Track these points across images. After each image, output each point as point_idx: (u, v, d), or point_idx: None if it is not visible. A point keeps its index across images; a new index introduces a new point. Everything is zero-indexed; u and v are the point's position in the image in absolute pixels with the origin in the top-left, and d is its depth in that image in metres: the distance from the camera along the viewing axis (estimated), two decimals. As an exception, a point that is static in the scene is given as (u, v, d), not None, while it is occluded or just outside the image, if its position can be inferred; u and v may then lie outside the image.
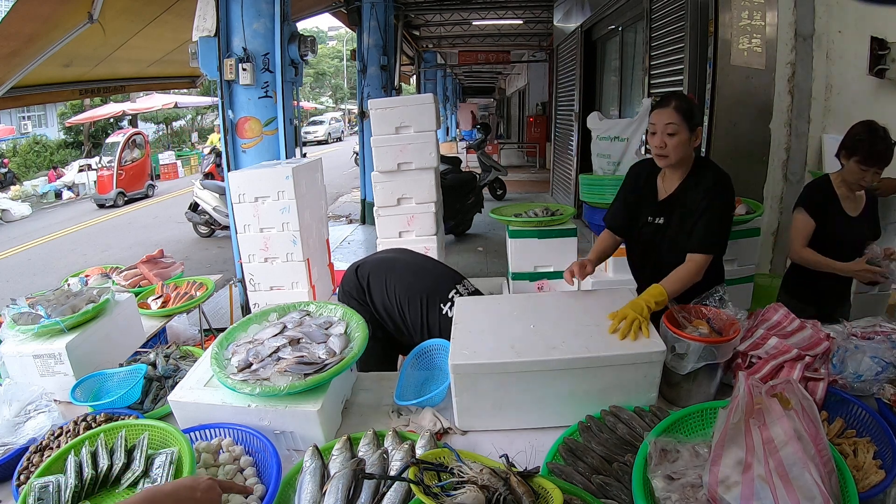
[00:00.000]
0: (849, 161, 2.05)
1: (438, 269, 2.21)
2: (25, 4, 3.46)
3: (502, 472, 0.98)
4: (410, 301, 2.03)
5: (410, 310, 2.03)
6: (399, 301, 2.06)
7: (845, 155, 2.06)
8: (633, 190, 1.95)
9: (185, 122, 22.46)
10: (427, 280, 2.11)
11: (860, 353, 1.40)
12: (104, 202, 11.76)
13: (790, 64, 3.42)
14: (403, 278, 2.11)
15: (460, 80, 24.00)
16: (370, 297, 2.13)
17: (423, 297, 2.03)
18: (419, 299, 2.03)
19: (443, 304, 2.01)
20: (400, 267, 2.17)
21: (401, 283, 2.09)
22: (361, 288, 2.14)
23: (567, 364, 1.33)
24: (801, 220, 2.16)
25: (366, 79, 7.67)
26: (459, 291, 2.06)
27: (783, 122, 3.50)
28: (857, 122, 2.06)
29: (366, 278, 2.14)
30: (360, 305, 2.14)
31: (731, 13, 3.34)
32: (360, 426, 1.38)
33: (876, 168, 1.99)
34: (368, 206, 7.42)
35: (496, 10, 9.88)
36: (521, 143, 16.20)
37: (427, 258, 2.34)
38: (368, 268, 2.18)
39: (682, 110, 1.74)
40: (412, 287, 2.07)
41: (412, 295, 2.04)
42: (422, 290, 2.05)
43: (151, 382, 1.65)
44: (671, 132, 1.74)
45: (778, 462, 0.95)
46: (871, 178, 2.02)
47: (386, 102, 3.29)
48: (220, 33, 3.56)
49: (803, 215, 2.16)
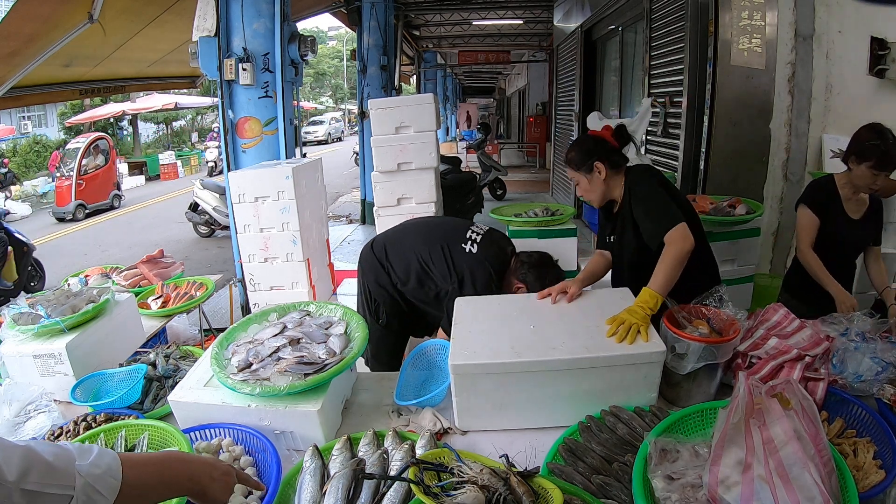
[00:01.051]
0: (858, 165, 2.02)
1: (448, 219, 2.37)
2: (25, 4, 3.46)
3: (502, 472, 0.98)
4: (432, 251, 2.10)
5: (434, 259, 2.09)
6: (421, 256, 2.11)
7: (855, 160, 2.04)
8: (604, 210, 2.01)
9: (185, 122, 22.47)
10: (441, 229, 2.21)
11: (860, 353, 1.40)
12: (63, 215, 10.39)
13: (790, 64, 3.42)
14: (419, 234, 2.21)
15: (460, 80, 24.00)
16: (391, 268, 2.17)
17: (444, 243, 2.10)
18: (440, 246, 2.09)
19: (463, 244, 2.08)
20: (411, 228, 2.29)
21: (418, 239, 2.17)
22: (380, 264, 2.19)
23: (567, 364, 1.32)
24: (806, 216, 2.16)
25: (366, 79, 7.67)
26: (475, 230, 2.14)
27: (783, 122, 3.50)
28: (863, 126, 2.04)
29: (383, 251, 2.20)
30: (378, 287, 2.20)
31: (731, 13, 3.34)
32: (360, 426, 1.38)
33: (886, 173, 1.98)
34: (368, 206, 7.42)
35: (496, 10, 9.88)
36: (521, 143, 16.21)
37: (433, 216, 2.40)
38: (382, 240, 2.26)
39: (572, 162, 1.87)
40: (430, 238, 2.15)
41: (432, 244, 2.11)
42: (440, 238, 2.12)
43: (151, 382, 1.64)
44: (576, 183, 1.90)
45: (778, 462, 0.95)
46: (882, 182, 2.02)
47: (386, 102, 3.29)
48: (220, 33, 3.56)
49: (807, 212, 2.15)
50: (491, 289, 2.01)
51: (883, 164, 1.97)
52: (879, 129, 2.00)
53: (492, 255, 2.05)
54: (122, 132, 19.11)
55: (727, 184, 3.52)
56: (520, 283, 2.01)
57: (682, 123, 3.86)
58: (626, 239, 1.88)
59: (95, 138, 11.40)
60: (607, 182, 1.84)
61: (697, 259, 1.92)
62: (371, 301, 2.22)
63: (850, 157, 2.07)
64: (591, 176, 1.83)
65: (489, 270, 2.01)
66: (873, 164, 1.98)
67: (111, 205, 11.44)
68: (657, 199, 1.74)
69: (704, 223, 2.42)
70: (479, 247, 2.07)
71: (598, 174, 1.82)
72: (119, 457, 0.74)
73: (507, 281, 2.05)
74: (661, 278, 1.55)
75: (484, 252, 2.06)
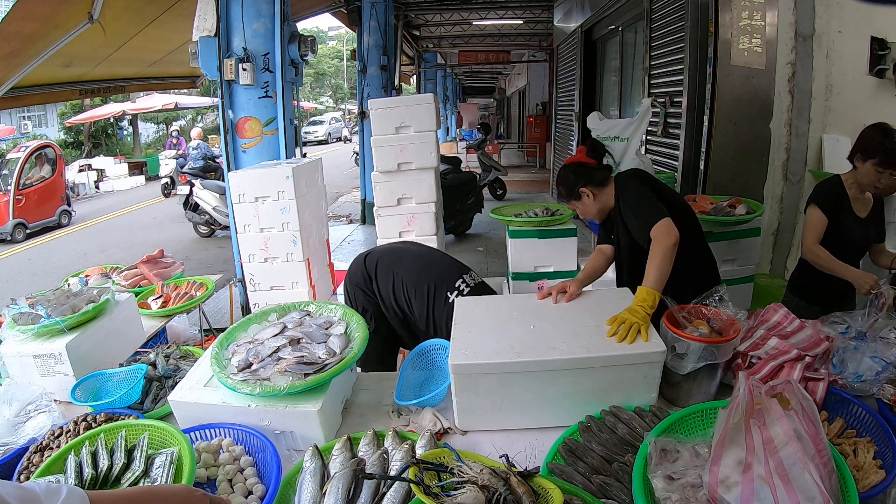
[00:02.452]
0: (864, 163, 2.05)
1: (446, 260, 2.24)
2: (25, 4, 3.46)
3: (502, 472, 0.98)
4: (417, 290, 2.06)
5: (417, 299, 2.05)
6: (406, 290, 2.08)
7: (860, 157, 2.06)
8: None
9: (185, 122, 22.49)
10: (434, 270, 2.13)
11: (860, 353, 1.40)
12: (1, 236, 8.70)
13: (790, 64, 3.42)
14: (411, 268, 2.13)
15: (460, 80, 23.99)
16: (377, 287, 2.14)
17: (430, 285, 2.06)
18: (426, 288, 2.05)
19: (449, 292, 2.04)
20: (408, 257, 2.20)
21: (408, 272, 2.11)
22: (368, 277, 2.16)
23: (567, 364, 1.32)
24: (816, 216, 2.15)
25: (366, 79, 7.67)
26: (466, 281, 2.08)
27: (783, 122, 3.50)
28: (869, 125, 2.07)
29: (373, 268, 2.16)
30: (365, 296, 2.16)
31: (731, 13, 3.34)
32: (360, 426, 1.38)
33: (892, 170, 2.00)
34: (368, 206, 7.42)
35: (496, 10, 9.88)
36: (521, 143, 16.22)
37: (434, 250, 2.37)
38: (376, 257, 2.21)
39: (562, 196, 2.02)
40: (420, 276, 2.09)
41: (419, 284, 2.07)
42: (429, 279, 2.07)
43: (151, 382, 1.65)
44: (573, 210, 2.06)
45: (778, 462, 0.95)
46: (887, 181, 2.03)
47: (386, 102, 3.29)
48: (220, 33, 3.56)
49: (817, 212, 2.15)
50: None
51: (888, 161, 1.98)
52: (885, 127, 2.03)
53: None
54: (122, 132, 19.13)
55: (727, 184, 3.52)
56: None
57: (682, 123, 3.86)
58: (623, 240, 1.94)
59: (40, 146, 9.68)
60: (598, 199, 1.96)
61: (697, 259, 1.93)
62: (359, 309, 2.14)
63: (855, 154, 2.09)
64: (582, 201, 1.97)
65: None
66: (878, 161, 2.00)
67: (58, 222, 9.62)
68: (641, 197, 1.82)
69: (704, 223, 2.43)
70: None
71: (588, 198, 1.95)
72: (88, 496, 0.73)
73: None
74: (652, 275, 1.60)
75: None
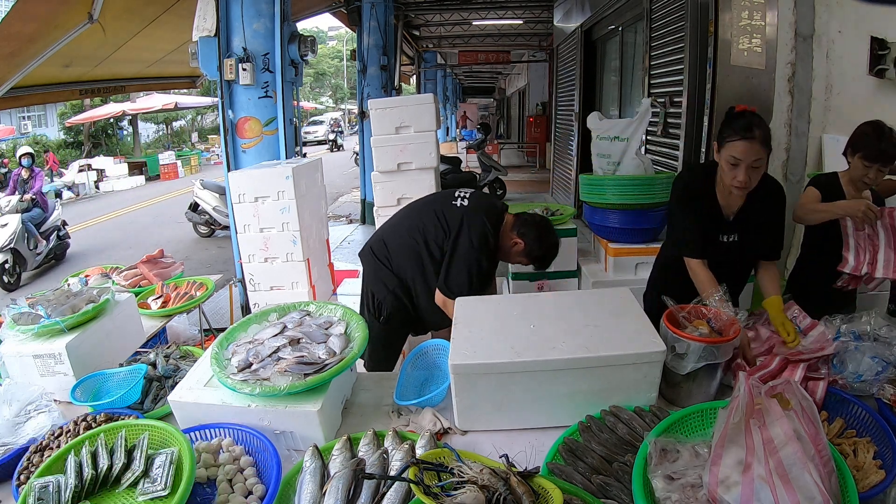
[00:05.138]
0: (853, 157, 2.06)
1: (435, 192, 2.41)
2: (25, 4, 3.46)
3: (502, 472, 0.98)
4: (425, 219, 2.13)
5: (428, 225, 2.11)
6: (416, 231, 2.13)
7: (850, 151, 2.07)
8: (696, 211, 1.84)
9: (185, 122, 22.50)
10: (429, 199, 2.28)
11: (860, 353, 1.40)
12: None
13: (790, 64, 3.42)
14: (412, 212, 2.24)
15: (460, 80, 23.99)
16: (389, 261, 2.18)
17: (434, 208, 2.14)
18: (432, 211, 2.13)
19: (453, 202, 2.12)
20: (402, 213, 2.31)
21: (412, 216, 2.21)
22: (379, 260, 2.20)
23: (567, 364, 1.32)
24: (812, 192, 2.15)
25: (366, 79, 7.67)
26: (462, 191, 2.17)
27: (783, 122, 3.50)
28: (864, 122, 2.07)
29: (382, 245, 2.21)
30: (380, 285, 2.21)
31: (731, 13, 3.34)
32: (360, 426, 1.38)
33: (878, 165, 1.99)
34: (368, 206, 7.42)
35: (496, 10, 9.88)
36: (521, 143, 16.23)
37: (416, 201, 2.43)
38: (379, 236, 2.28)
39: (766, 141, 1.63)
40: (421, 211, 2.19)
41: (424, 214, 2.15)
42: (430, 205, 2.18)
43: (151, 382, 1.64)
44: (756, 166, 1.64)
45: (778, 462, 0.95)
46: (875, 176, 2.02)
47: (386, 102, 3.29)
48: (220, 33, 3.56)
49: (814, 190, 2.15)
50: (488, 241, 2.03)
51: (872, 156, 1.98)
52: (876, 123, 2.03)
53: (484, 207, 2.09)
54: (122, 132, 19.13)
55: (727, 184, 3.51)
56: (517, 239, 2.06)
57: (682, 123, 3.86)
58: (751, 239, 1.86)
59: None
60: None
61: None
62: (373, 300, 2.22)
63: (847, 149, 2.10)
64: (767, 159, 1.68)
65: (483, 220, 2.03)
66: (864, 155, 2.00)
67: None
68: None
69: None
70: (469, 201, 2.11)
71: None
72: None
73: (503, 235, 2.08)
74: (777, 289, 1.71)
75: (475, 203, 2.10)
